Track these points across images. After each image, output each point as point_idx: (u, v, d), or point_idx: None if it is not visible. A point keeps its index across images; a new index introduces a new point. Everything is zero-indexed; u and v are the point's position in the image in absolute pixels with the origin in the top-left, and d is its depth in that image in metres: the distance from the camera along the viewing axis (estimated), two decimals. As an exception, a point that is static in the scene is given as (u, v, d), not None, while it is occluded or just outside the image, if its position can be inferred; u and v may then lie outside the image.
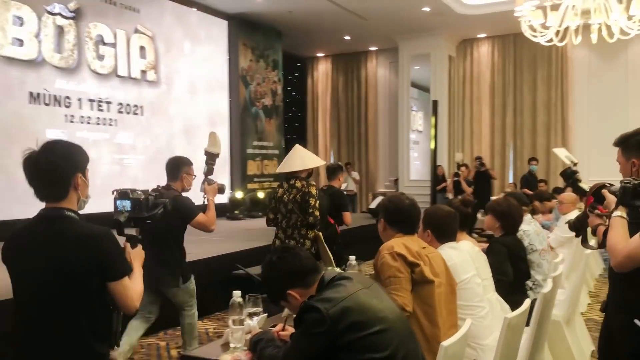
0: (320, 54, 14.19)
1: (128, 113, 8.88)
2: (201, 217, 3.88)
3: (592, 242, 2.83)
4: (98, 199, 8.79)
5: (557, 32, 7.63)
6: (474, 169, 10.93)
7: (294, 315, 2.27)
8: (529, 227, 4.19)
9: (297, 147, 4.67)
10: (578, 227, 3.05)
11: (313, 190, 4.33)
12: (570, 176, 2.94)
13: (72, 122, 8.07)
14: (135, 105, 9.00)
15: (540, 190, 7.21)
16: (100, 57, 8.47)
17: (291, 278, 2.10)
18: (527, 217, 4.31)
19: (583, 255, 4.40)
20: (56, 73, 7.88)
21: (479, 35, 12.37)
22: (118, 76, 8.74)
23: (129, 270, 1.97)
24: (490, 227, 3.90)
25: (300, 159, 4.51)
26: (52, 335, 1.89)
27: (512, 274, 3.57)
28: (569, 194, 6.17)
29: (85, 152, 2.05)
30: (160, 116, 9.44)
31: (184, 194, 3.97)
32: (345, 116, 14.05)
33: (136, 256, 2.08)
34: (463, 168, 10.75)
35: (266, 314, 2.69)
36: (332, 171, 5.64)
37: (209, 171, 4.23)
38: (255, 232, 8.36)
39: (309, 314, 1.97)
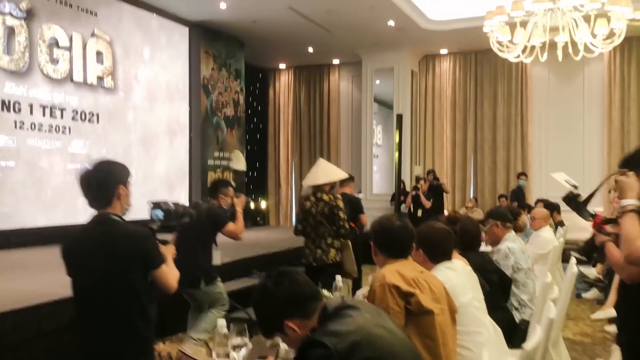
0: (282, 66, 13.96)
1: (83, 120, 8.39)
2: (231, 225, 4.42)
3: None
4: (48, 212, 8.27)
5: (525, 49, 7.65)
6: (427, 183, 10.84)
7: (286, 348, 2.00)
8: (514, 245, 4.04)
9: (321, 161, 5.24)
10: (588, 250, 2.93)
11: (340, 204, 4.80)
12: (572, 200, 2.81)
13: (21, 128, 7.55)
14: (91, 113, 8.51)
15: (511, 207, 7.12)
16: (54, 61, 7.98)
17: (289, 306, 1.82)
18: (512, 234, 4.16)
19: (557, 272, 4.30)
20: (5, 76, 7.36)
21: (441, 51, 12.40)
22: (73, 81, 8.25)
23: (163, 260, 2.43)
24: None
25: (324, 172, 4.96)
26: (107, 319, 2.33)
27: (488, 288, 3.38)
28: (541, 210, 6.12)
29: (127, 168, 2.54)
30: (117, 124, 8.97)
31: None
32: (307, 129, 13.83)
33: (167, 250, 2.54)
34: (422, 182, 10.64)
35: (251, 347, 2.37)
36: (345, 180, 5.92)
37: (237, 186, 4.98)
38: (222, 246, 7.98)
39: (313, 350, 1.70)
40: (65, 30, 8.12)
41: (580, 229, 9.78)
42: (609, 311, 5.60)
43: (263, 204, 12.05)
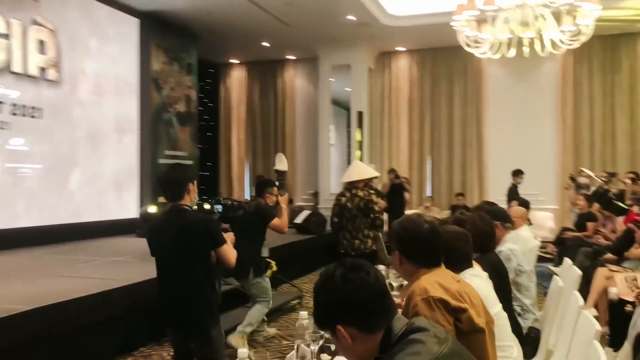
0: (234, 61, 13.45)
1: (24, 115, 7.65)
2: (276, 220, 4.97)
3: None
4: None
5: (492, 45, 7.53)
6: (389, 182, 10.62)
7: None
8: (516, 246, 3.81)
9: (356, 161, 6.37)
10: (619, 247, 2.73)
11: (374, 198, 5.56)
12: (603, 195, 2.64)
13: (-46, 123, 6.78)
14: (33, 107, 7.78)
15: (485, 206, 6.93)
16: (-10, 49, 7.23)
17: (347, 311, 1.53)
18: (512, 234, 3.93)
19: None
20: None
21: (398, 49, 12.25)
22: (12, 72, 7.51)
23: (225, 241, 3.15)
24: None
25: (357, 171, 5.71)
26: (181, 281, 3.10)
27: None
28: (517, 209, 5.94)
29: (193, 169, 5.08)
30: (62, 120, 8.26)
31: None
32: (261, 127, 13.39)
33: (228, 236, 3.24)
34: (377, 181, 10.35)
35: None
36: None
37: (280, 185, 5.70)
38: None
39: None
40: (2, 16, 7.37)
41: (541, 227, 9.84)
42: (590, 311, 5.49)
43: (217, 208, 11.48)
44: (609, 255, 6.05)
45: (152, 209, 9.23)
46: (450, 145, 12.04)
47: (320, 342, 2.38)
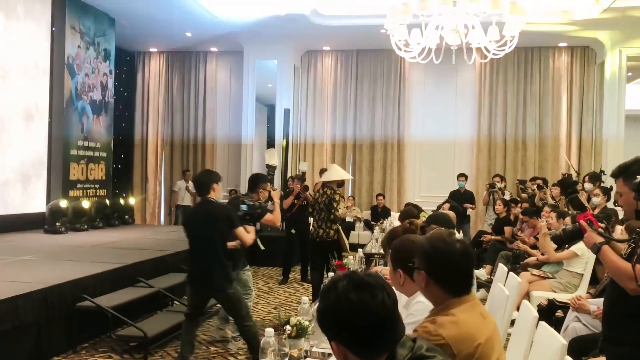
0: (153, 49, 12.83)
1: None
2: (269, 216, 5.14)
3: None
4: None
5: (422, 50, 7.62)
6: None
7: None
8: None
9: (334, 165, 7.57)
10: (564, 239, 2.76)
11: (337, 197, 6.56)
12: (571, 186, 2.63)
13: None
14: None
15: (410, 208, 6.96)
16: None
17: (339, 330, 1.40)
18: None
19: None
20: None
21: (324, 48, 12.20)
22: None
23: (239, 224, 4.31)
24: None
25: (331, 173, 6.83)
26: (207, 258, 4.20)
27: None
28: (450, 213, 6.02)
29: (218, 174, 4.49)
30: (-39, 103, 7.46)
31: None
32: (180, 119, 12.86)
33: (250, 228, 4.57)
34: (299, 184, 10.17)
35: None
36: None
37: (271, 180, 6.17)
38: (95, 250, 6.96)
39: None
40: None
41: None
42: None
43: (132, 201, 10.90)
44: (530, 260, 6.29)
45: (63, 203, 8.62)
46: (372, 146, 12.17)
47: (285, 360, 2.22)
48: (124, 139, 12.67)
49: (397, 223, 7.13)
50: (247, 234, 4.40)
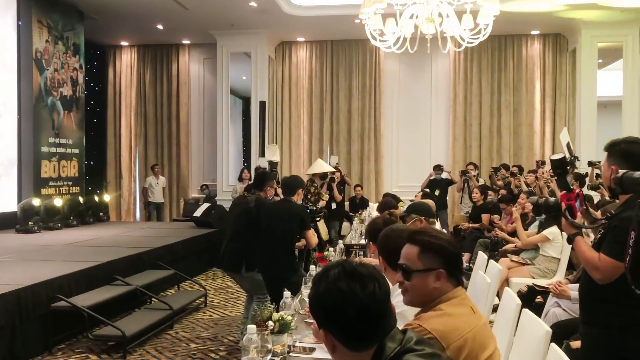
0: (124, 43, 12.58)
1: None
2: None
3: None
4: None
5: (397, 40, 7.59)
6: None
7: None
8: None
9: (318, 159, 8.36)
10: (540, 208, 2.79)
11: (312, 189, 7.19)
12: (562, 166, 2.64)
13: None
14: None
15: (389, 199, 6.94)
16: None
17: (328, 319, 1.40)
18: (436, 226, 3.91)
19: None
20: None
21: (298, 39, 12.10)
22: None
23: (311, 227, 4.89)
24: None
25: (315, 166, 7.67)
26: (278, 245, 4.66)
27: None
28: (427, 201, 6.02)
29: (303, 181, 5.26)
30: None
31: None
32: (153, 114, 12.66)
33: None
34: (338, 174, 10.05)
35: None
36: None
37: (273, 176, 6.17)
38: (70, 249, 6.81)
39: None
40: None
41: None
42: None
43: (106, 197, 10.70)
44: (509, 246, 6.34)
45: (36, 201, 8.43)
46: (349, 137, 12.13)
47: (268, 357, 2.17)
48: (97, 135, 12.45)
49: (375, 213, 7.16)
50: (314, 237, 4.91)
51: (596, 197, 6.74)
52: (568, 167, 2.94)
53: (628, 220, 2.14)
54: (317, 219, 6.96)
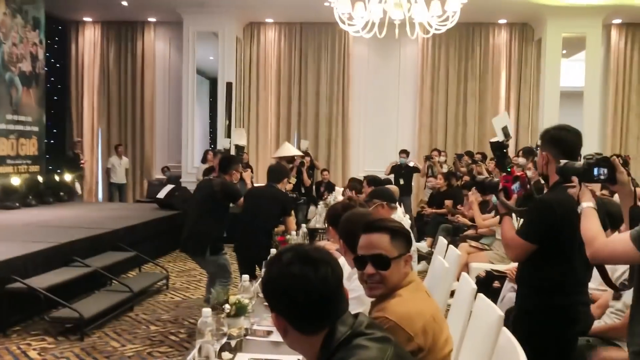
0: (87, 19, 12.23)
1: None
2: (242, 200, 5.08)
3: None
4: None
5: (365, 24, 7.58)
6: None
7: None
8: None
9: (286, 143, 8.29)
10: (481, 187, 2.92)
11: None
12: (499, 148, 2.87)
13: None
14: None
15: (354, 184, 6.94)
16: None
17: (279, 302, 1.41)
18: (398, 214, 3.95)
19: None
20: None
21: (267, 20, 11.96)
22: None
23: (291, 214, 5.24)
24: None
25: (279, 150, 7.54)
26: (259, 233, 4.82)
27: None
28: (391, 187, 6.06)
29: (286, 169, 5.67)
30: None
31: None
32: (116, 92, 12.38)
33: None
34: (308, 158, 10.09)
35: None
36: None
37: (239, 160, 6.22)
38: (27, 229, 6.65)
39: None
40: None
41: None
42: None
43: (67, 177, 10.45)
44: (469, 232, 6.45)
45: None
46: (317, 121, 12.10)
47: (223, 340, 2.16)
48: (58, 113, 12.13)
49: (341, 198, 7.19)
50: (293, 222, 5.17)
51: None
52: (505, 150, 3.14)
53: (542, 202, 2.43)
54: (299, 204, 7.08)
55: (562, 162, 2.19)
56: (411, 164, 10.30)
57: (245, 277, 2.75)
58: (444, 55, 11.88)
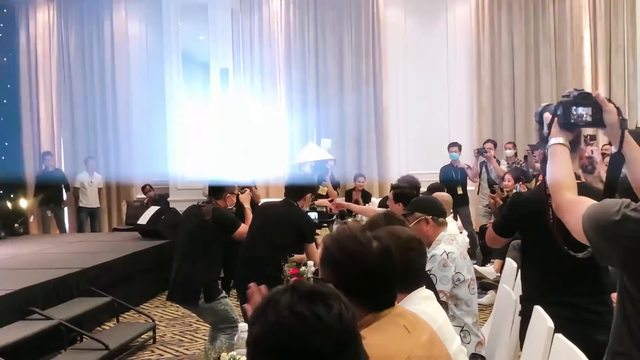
0: (39, -1, 12.52)
1: None
2: (242, 227, 5.10)
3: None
4: None
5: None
6: None
7: None
8: (453, 248, 3.80)
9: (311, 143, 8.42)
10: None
11: None
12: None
13: None
14: None
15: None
16: None
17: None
18: (447, 232, 3.91)
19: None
20: None
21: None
22: None
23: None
24: None
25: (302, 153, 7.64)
26: (265, 264, 4.71)
27: None
28: (440, 194, 6.01)
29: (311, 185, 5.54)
30: None
31: None
32: (81, 90, 12.59)
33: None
34: (331, 162, 9.95)
35: None
36: None
37: None
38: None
39: None
40: None
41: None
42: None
43: (23, 203, 10.65)
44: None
45: None
46: (341, 113, 12.11)
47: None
48: (8, 120, 12.34)
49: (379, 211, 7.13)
50: (317, 254, 4.68)
51: None
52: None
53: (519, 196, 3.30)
54: (326, 224, 7.01)
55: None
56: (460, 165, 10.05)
57: (243, 326, 2.74)
58: (506, 15, 11.83)
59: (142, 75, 12.60)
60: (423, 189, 7.98)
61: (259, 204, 5.58)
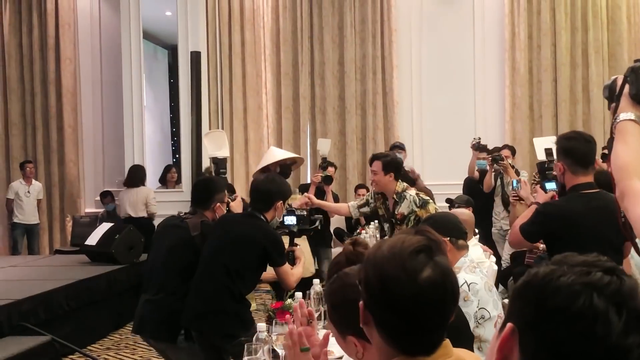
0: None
1: None
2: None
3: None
4: None
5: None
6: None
7: None
8: (476, 278, 3.78)
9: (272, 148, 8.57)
10: None
11: None
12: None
13: None
14: None
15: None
16: None
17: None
18: (468, 258, 3.89)
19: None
20: None
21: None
22: None
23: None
24: None
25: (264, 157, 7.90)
26: (220, 295, 4.63)
27: None
28: (461, 212, 6.01)
29: (290, 187, 5.82)
30: None
31: None
32: (17, 81, 12.62)
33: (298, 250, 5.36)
34: (331, 169, 9.80)
35: None
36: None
37: (224, 184, 5.78)
38: None
39: None
40: None
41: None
42: None
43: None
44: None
45: None
46: (342, 109, 12.18)
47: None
48: None
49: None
50: (292, 275, 4.83)
51: None
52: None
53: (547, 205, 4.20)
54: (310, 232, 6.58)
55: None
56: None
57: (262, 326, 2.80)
58: (546, -11, 11.87)
59: (93, 60, 12.65)
60: (441, 202, 8.07)
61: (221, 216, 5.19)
